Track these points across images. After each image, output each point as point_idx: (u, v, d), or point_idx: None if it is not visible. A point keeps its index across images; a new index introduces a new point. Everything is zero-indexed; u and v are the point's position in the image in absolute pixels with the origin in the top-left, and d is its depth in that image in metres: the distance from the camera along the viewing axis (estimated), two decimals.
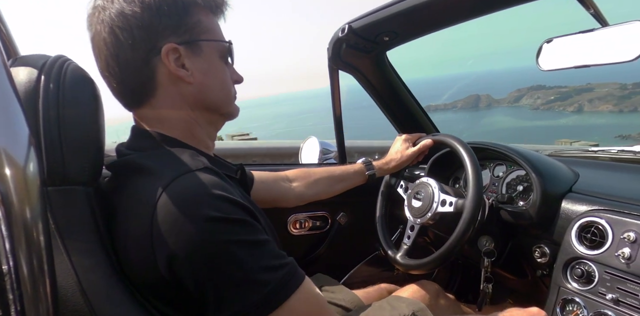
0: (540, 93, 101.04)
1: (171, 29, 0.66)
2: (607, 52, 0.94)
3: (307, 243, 1.49)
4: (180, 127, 0.71)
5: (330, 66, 1.36)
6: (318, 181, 1.17)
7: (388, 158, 1.27)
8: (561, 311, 0.93)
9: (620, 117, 78.94)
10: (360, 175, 1.23)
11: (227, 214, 0.56)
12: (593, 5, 0.91)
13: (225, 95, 0.75)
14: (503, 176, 1.23)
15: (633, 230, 0.84)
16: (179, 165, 0.62)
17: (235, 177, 0.77)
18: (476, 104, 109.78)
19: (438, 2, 1.02)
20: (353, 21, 1.21)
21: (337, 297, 1.09)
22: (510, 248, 1.15)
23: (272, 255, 0.60)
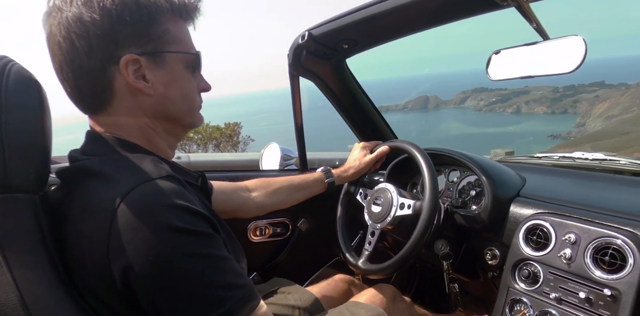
0: (483, 96, 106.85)
1: (133, 38, 0.62)
2: (548, 63, 1.00)
3: (268, 250, 1.48)
4: (139, 135, 0.68)
5: (291, 72, 1.36)
6: (278, 190, 1.16)
7: (347, 166, 1.28)
8: (510, 311, 0.97)
9: (552, 118, 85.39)
10: (320, 183, 1.23)
11: (189, 225, 0.55)
12: (535, 19, 0.97)
13: (188, 107, 0.72)
14: (457, 181, 1.28)
15: (573, 232, 0.90)
16: (140, 171, 0.59)
17: (196, 185, 0.74)
18: (425, 105, 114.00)
19: (396, 12, 1.04)
20: (313, 28, 1.21)
21: (292, 298, 1.09)
22: (464, 251, 1.20)
23: (233, 273, 0.58)
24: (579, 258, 0.88)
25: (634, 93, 72.67)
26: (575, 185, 1.20)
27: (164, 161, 0.68)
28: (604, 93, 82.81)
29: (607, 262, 0.83)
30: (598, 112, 75.46)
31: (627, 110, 68.22)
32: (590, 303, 0.84)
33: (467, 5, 1.01)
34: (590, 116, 75.98)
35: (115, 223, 0.53)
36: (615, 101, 74.50)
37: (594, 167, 1.28)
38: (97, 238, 0.54)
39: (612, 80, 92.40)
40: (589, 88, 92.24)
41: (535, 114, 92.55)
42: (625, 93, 75.25)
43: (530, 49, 1.02)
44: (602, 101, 78.58)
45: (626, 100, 71.73)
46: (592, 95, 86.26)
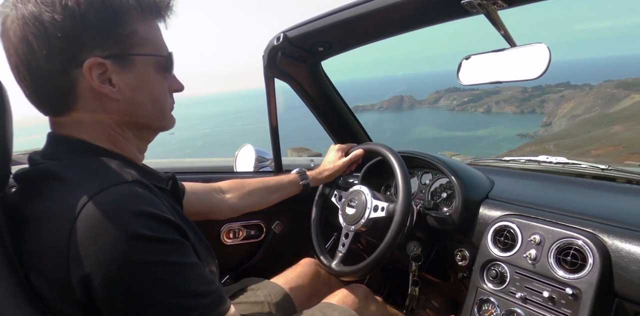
0: (456, 95, 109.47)
1: (97, 40, 0.58)
2: (515, 70, 1.03)
3: (242, 253, 1.47)
4: (105, 140, 0.65)
5: (266, 74, 1.36)
6: (252, 192, 1.15)
7: (321, 168, 1.29)
8: (478, 311, 1.00)
9: (521, 118, 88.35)
10: (295, 185, 1.23)
11: (154, 232, 0.53)
12: (503, 27, 0.99)
13: (158, 111, 0.69)
14: (429, 184, 1.30)
15: (538, 233, 0.94)
16: (104, 176, 0.57)
17: (166, 188, 0.72)
18: (400, 105, 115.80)
19: (370, 16, 1.04)
20: (288, 30, 1.21)
21: (262, 293, 1.08)
22: (435, 252, 1.22)
23: (200, 280, 0.57)
24: (543, 259, 0.91)
25: (596, 93, 76.00)
26: (540, 188, 1.25)
27: (132, 165, 0.65)
28: (569, 94, 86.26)
29: (569, 262, 0.87)
30: (563, 111, 78.53)
31: (589, 109, 71.32)
32: (554, 302, 0.87)
33: (438, 12, 1.03)
34: (556, 116, 79.01)
35: (75, 230, 0.51)
36: (579, 101, 77.74)
37: (557, 170, 1.33)
38: (56, 246, 0.52)
39: (577, 80, 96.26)
40: (555, 88, 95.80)
41: (505, 114, 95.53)
42: (589, 93, 78.62)
43: (498, 55, 1.04)
44: (567, 101, 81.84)
45: (589, 100, 74.97)
46: (558, 95, 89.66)
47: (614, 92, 72.24)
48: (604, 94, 73.79)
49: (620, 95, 69.44)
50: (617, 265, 0.82)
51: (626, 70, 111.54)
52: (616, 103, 67.43)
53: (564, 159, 1.33)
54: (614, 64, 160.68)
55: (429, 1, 0.96)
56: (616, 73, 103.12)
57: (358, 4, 1.03)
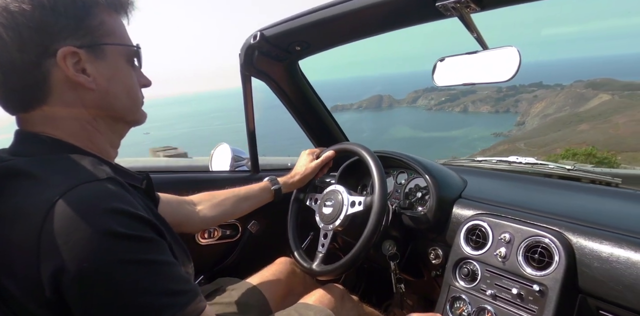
0: (434, 95, 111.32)
1: (69, 30, 0.59)
2: (487, 72, 1.05)
3: (217, 253, 1.45)
4: (78, 134, 0.64)
5: (243, 73, 1.34)
6: (223, 202, 1.13)
7: (293, 173, 1.28)
8: (450, 309, 1.02)
9: (496, 117, 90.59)
10: (266, 192, 1.22)
11: (129, 230, 0.52)
12: (476, 30, 1.01)
13: (132, 103, 0.70)
14: (405, 183, 1.32)
15: (508, 232, 0.96)
16: (76, 173, 0.56)
17: (140, 187, 0.71)
18: (379, 104, 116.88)
19: (346, 17, 1.05)
20: (265, 28, 1.20)
21: (237, 294, 1.08)
22: (410, 251, 1.24)
23: (176, 279, 0.56)
24: (513, 256, 0.94)
25: (567, 93, 78.59)
26: (510, 187, 1.28)
27: (105, 162, 0.64)
28: (542, 94, 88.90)
29: (536, 260, 0.90)
30: (536, 111, 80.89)
31: (560, 109, 73.70)
32: (522, 299, 0.90)
33: (414, 14, 1.04)
34: (529, 115, 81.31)
35: (46, 228, 0.50)
36: (551, 100, 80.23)
37: (526, 171, 1.37)
38: (25, 244, 0.50)
39: (549, 80, 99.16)
40: (528, 88, 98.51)
41: (481, 113, 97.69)
42: (560, 93, 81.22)
43: (471, 57, 1.06)
44: (540, 101, 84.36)
45: (560, 100, 77.47)
46: (531, 95, 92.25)
47: (583, 92, 74.89)
48: (574, 94, 76.38)
49: (589, 95, 72.06)
50: (581, 262, 0.85)
51: (596, 71, 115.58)
52: (585, 102, 69.94)
53: (533, 160, 1.39)
54: (585, 64, 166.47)
55: (405, 3, 0.97)
56: (587, 73, 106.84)
57: (335, 4, 1.04)
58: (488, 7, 0.92)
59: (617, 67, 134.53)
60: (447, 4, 0.90)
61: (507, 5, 0.96)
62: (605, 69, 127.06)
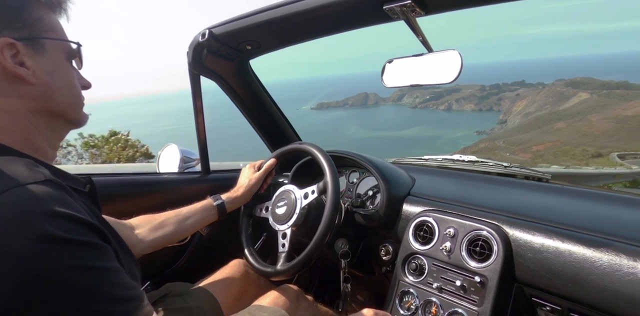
0: (419, 93, 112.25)
1: (5, 22, 0.58)
2: (433, 73, 1.09)
3: (165, 257, 1.39)
4: (14, 132, 0.61)
5: (191, 71, 1.32)
6: (164, 223, 1.07)
7: (237, 186, 1.25)
8: (399, 303, 1.06)
9: (479, 115, 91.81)
10: (209, 209, 1.16)
11: (70, 234, 0.50)
12: (421, 33, 1.04)
13: (74, 100, 0.67)
14: (357, 182, 1.35)
15: (452, 227, 1.02)
16: (10, 175, 0.53)
17: (83, 191, 0.67)
18: (365, 102, 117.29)
19: (295, 17, 1.06)
20: (214, 27, 1.18)
21: (187, 299, 1.04)
22: (362, 248, 1.26)
23: (121, 285, 0.54)
24: (457, 250, 0.99)
25: (547, 92, 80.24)
26: (455, 184, 1.34)
27: (43, 164, 0.61)
28: (524, 92, 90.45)
29: (477, 252, 0.96)
30: (517, 109, 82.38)
31: (541, 107, 75.23)
32: (465, 290, 0.95)
33: (363, 16, 1.06)
34: (511, 113, 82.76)
35: None
36: (532, 99, 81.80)
37: (469, 168, 1.45)
38: None
39: (532, 79, 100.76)
40: (511, 87, 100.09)
41: (465, 111, 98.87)
42: (541, 92, 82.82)
43: (417, 59, 1.09)
44: (522, 99, 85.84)
45: (541, 99, 79.05)
46: (514, 93, 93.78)
47: (563, 91, 76.53)
48: (554, 92, 77.99)
49: (569, 94, 73.70)
50: (516, 253, 0.91)
51: (578, 70, 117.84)
52: (565, 101, 71.54)
53: (474, 158, 1.46)
54: (567, 63, 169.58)
55: (354, 6, 0.98)
56: (569, 72, 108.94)
57: (285, 4, 1.05)
58: (432, 11, 0.96)
59: (597, 66, 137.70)
60: (394, 8, 0.93)
61: (451, 10, 0.99)
62: (586, 68, 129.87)
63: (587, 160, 25.19)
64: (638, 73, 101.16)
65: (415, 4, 0.90)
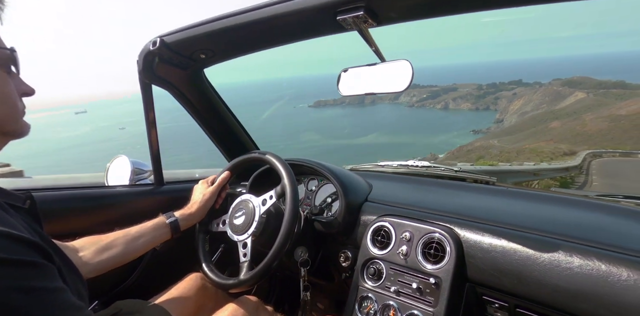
0: (416, 92, 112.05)
1: None
2: (385, 82, 1.11)
3: (116, 274, 1.28)
4: None
5: (142, 80, 1.27)
6: (110, 245, 1.01)
7: (191, 203, 1.21)
8: (359, 308, 1.08)
9: (475, 114, 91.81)
10: (162, 227, 1.11)
11: (8, 254, 0.47)
12: (374, 43, 1.07)
13: (9, 111, 0.62)
14: (315, 190, 1.36)
15: (408, 231, 1.05)
16: None
17: (22, 207, 0.64)
18: (362, 100, 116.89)
19: (250, 27, 1.06)
20: (166, 35, 1.16)
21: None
22: (321, 255, 1.27)
23: (66, 306, 0.51)
24: (413, 253, 1.02)
25: (544, 91, 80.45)
26: (410, 189, 1.38)
27: None
28: (521, 91, 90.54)
29: (432, 254, 0.99)
30: (514, 108, 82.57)
31: (538, 107, 75.46)
32: (421, 292, 0.98)
33: (317, 26, 1.08)
34: (507, 112, 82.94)
35: None
36: (529, 98, 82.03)
37: (422, 173, 1.50)
38: None
39: (529, 78, 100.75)
40: (508, 86, 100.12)
41: (461, 110, 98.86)
42: (538, 91, 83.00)
43: (371, 68, 1.12)
44: (518, 98, 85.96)
45: (538, 98, 79.28)
46: (511, 92, 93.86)
47: (560, 90, 76.74)
48: (551, 92, 78.21)
49: (565, 93, 73.95)
50: (467, 254, 0.96)
51: (575, 69, 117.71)
52: (562, 100, 71.75)
53: (427, 163, 1.51)
54: (565, 63, 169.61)
55: (308, 16, 1.00)
56: (566, 72, 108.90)
57: (239, 13, 1.04)
58: (384, 23, 0.99)
59: (594, 66, 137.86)
60: (347, 19, 0.94)
61: (402, 21, 1.02)
62: (583, 67, 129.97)
63: (557, 157, 25.24)
64: (635, 73, 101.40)
65: (367, 15, 0.92)
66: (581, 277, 0.79)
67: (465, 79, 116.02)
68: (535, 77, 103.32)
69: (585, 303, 0.78)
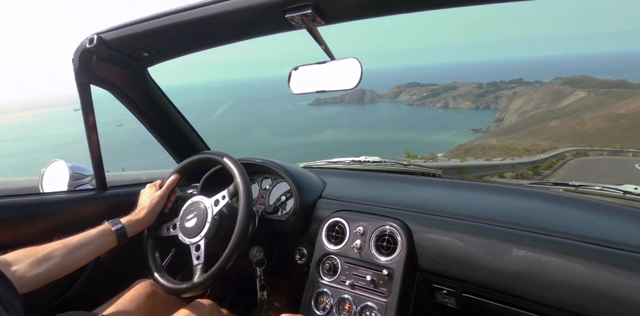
0: (416, 90, 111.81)
1: None
2: (336, 80, 1.11)
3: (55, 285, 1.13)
4: None
5: (79, 79, 1.20)
6: (48, 256, 0.94)
7: (138, 208, 1.16)
8: (315, 304, 1.09)
9: (476, 113, 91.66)
10: (107, 235, 1.05)
11: None
12: (323, 41, 1.07)
13: None
14: (269, 188, 1.35)
15: (362, 225, 1.07)
16: None
17: None
18: (362, 98, 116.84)
19: (195, 24, 1.03)
20: (104, 32, 1.10)
21: None
22: (276, 254, 1.27)
23: None
24: (366, 247, 1.05)
25: (545, 90, 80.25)
26: (362, 184, 1.41)
27: None
28: (521, 90, 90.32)
29: (384, 247, 1.02)
30: (514, 107, 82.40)
31: (538, 106, 75.31)
32: (375, 284, 1.01)
33: (266, 24, 1.07)
34: (507, 111, 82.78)
35: None
36: (529, 97, 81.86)
37: (373, 168, 1.53)
38: None
39: (530, 77, 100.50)
40: (508, 85, 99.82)
41: (462, 109, 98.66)
42: (538, 90, 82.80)
43: (321, 67, 1.12)
44: (519, 97, 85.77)
45: (538, 97, 79.12)
46: (511, 91, 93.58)
47: (561, 89, 76.55)
48: (551, 91, 78.01)
49: (566, 92, 73.76)
50: (418, 244, 1.00)
51: (576, 68, 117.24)
52: (562, 99, 71.58)
53: (378, 158, 1.55)
54: (566, 62, 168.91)
55: (256, 14, 0.98)
56: (568, 70, 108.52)
57: (183, 10, 1.01)
58: (333, 21, 0.98)
59: (596, 65, 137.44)
60: (295, 17, 0.94)
61: (350, 20, 1.02)
62: (585, 66, 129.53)
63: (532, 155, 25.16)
64: (637, 72, 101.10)
65: (315, 13, 0.91)
66: (517, 260, 0.85)
67: (466, 77, 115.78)
68: (536, 75, 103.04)
69: (522, 283, 0.84)
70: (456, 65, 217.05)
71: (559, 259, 0.81)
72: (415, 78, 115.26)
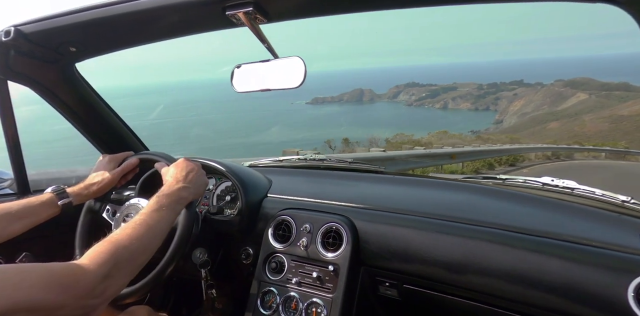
0: (415, 90, 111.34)
1: None
2: (280, 78, 1.09)
3: None
4: None
5: None
6: None
7: (88, 182, 1.10)
8: (261, 303, 1.08)
9: (475, 115, 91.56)
10: (50, 207, 1.00)
11: None
12: (266, 39, 1.03)
13: None
14: (213, 189, 1.31)
15: (308, 222, 1.09)
16: None
17: None
18: (360, 98, 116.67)
19: (128, 18, 0.97)
20: (22, 24, 1.02)
21: None
22: (221, 255, 1.24)
23: None
24: (313, 244, 1.06)
25: (545, 91, 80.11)
26: (308, 182, 1.41)
27: None
28: (522, 92, 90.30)
29: (330, 243, 1.04)
30: (514, 109, 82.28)
31: (538, 107, 75.23)
32: (321, 281, 1.03)
33: (204, 21, 1.03)
34: (507, 113, 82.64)
35: None
36: (530, 99, 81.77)
37: (319, 166, 1.55)
38: None
39: (530, 79, 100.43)
40: (509, 86, 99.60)
41: (461, 110, 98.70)
42: (539, 91, 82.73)
43: (264, 65, 1.09)
44: (519, 99, 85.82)
45: (539, 99, 79.04)
46: (512, 93, 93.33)
47: (562, 91, 76.45)
48: (552, 92, 77.87)
49: (567, 94, 73.62)
50: (362, 240, 1.03)
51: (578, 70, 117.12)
52: (563, 101, 71.52)
53: (323, 156, 1.58)
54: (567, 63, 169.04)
55: (194, 10, 0.95)
56: (568, 72, 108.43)
57: (112, 4, 0.95)
58: (274, 19, 0.96)
59: (597, 67, 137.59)
60: (236, 14, 0.91)
61: (292, 19, 1.00)
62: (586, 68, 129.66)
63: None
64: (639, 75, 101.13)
65: (257, 11, 0.89)
66: (452, 250, 0.91)
67: (466, 78, 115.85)
68: (536, 77, 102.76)
69: (456, 272, 0.90)
70: (456, 66, 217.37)
71: (488, 248, 0.88)
72: (414, 78, 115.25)
